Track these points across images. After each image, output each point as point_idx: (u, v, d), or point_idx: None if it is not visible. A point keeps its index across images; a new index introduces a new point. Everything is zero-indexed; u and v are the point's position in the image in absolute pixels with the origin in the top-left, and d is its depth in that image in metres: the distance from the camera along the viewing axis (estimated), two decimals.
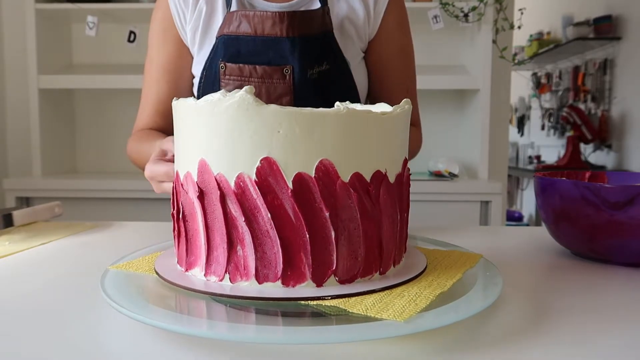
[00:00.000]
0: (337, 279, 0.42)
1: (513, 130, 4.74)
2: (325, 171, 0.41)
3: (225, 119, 0.40)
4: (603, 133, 3.49)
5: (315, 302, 0.39)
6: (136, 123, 0.99)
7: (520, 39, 4.08)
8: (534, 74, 4.65)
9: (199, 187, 0.42)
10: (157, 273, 0.46)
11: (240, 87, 0.86)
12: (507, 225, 3.15)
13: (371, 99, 0.98)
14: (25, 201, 1.92)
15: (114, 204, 1.90)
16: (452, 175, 1.94)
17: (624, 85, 3.36)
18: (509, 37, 2.12)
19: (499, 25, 2.02)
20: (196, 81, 0.92)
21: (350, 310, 0.38)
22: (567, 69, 4.12)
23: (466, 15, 1.96)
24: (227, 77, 0.86)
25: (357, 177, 0.42)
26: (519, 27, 2.11)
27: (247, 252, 0.41)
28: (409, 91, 0.99)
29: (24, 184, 1.91)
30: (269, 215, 0.40)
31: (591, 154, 3.68)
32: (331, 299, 0.40)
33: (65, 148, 2.21)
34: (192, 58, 0.94)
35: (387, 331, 0.34)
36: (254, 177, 0.40)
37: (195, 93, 0.93)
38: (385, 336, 0.34)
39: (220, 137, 0.41)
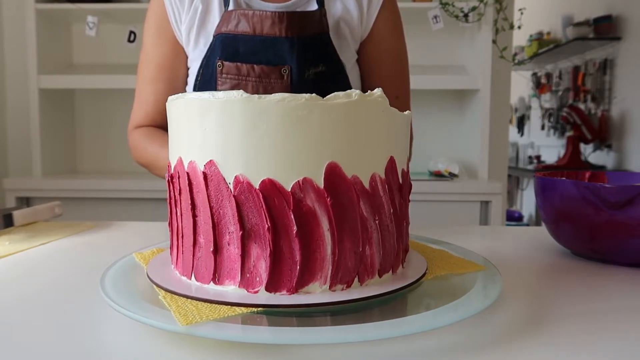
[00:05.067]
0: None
1: (513, 130, 4.74)
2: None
3: (363, 119, 0.40)
4: (603, 133, 3.48)
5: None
6: (132, 120, 0.98)
7: (520, 39, 4.08)
8: (534, 74, 4.65)
9: (327, 192, 0.39)
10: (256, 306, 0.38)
11: (237, 85, 0.85)
12: (507, 225, 3.15)
13: None
14: (25, 201, 1.92)
15: (114, 204, 1.90)
16: (452, 175, 1.94)
17: (624, 85, 3.36)
18: (509, 37, 2.12)
19: (499, 25, 2.02)
20: (192, 79, 0.92)
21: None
22: (567, 69, 4.12)
23: (466, 16, 1.96)
24: (224, 75, 0.85)
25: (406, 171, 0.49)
26: (519, 27, 2.11)
27: (374, 250, 0.42)
28: (400, 97, 0.95)
29: (24, 184, 1.91)
30: (392, 210, 0.43)
31: (591, 154, 3.68)
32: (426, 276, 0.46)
33: (65, 148, 2.21)
34: (187, 56, 0.93)
35: (385, 332, 0.34)
36: (383, 175, 0.42)
37: (191, 91, 0.92)
38: (386, 336, 0.34)
39: (357, 137, 0.40)
